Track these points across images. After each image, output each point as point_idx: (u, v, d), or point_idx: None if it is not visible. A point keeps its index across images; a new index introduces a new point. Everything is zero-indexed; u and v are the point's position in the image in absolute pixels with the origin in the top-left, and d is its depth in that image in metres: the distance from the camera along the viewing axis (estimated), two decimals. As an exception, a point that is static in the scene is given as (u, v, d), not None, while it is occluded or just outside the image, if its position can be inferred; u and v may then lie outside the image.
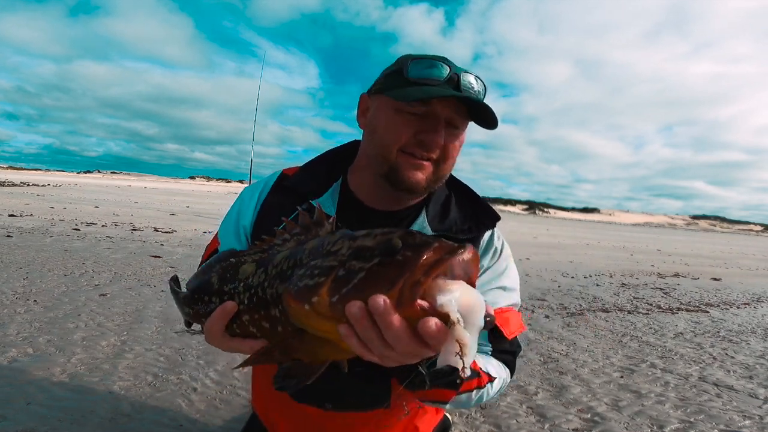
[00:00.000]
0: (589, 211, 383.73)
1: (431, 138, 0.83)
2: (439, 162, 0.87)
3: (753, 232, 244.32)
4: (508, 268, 0.98)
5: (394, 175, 0.86)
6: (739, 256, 15.04)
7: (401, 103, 0.83)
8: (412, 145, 0.84)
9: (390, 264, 0.45)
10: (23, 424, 1.51)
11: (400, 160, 0.85)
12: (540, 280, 5.68)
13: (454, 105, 0.83)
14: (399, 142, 0.84)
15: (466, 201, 1.00)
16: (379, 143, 0.87)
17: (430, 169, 0.87)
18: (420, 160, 0.85)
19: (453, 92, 0.80)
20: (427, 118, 0.83)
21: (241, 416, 1.70)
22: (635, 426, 1.92)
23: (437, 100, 0.82)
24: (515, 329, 0.92)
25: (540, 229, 22.15)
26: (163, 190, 30.32)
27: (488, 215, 0.97)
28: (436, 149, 0.84)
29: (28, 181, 23.69)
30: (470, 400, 0.82)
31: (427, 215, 0.94)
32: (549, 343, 2.99)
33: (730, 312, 4.69)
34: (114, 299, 3.06)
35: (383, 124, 0.87)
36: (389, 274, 0.44)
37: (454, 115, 0.84)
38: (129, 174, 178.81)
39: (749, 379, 2.63)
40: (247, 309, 0.61)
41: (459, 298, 0.42)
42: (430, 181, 0.88)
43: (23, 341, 2.19)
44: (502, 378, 0.88)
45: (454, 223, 0.94)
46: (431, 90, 0.80)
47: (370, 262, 0.47)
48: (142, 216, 9.53)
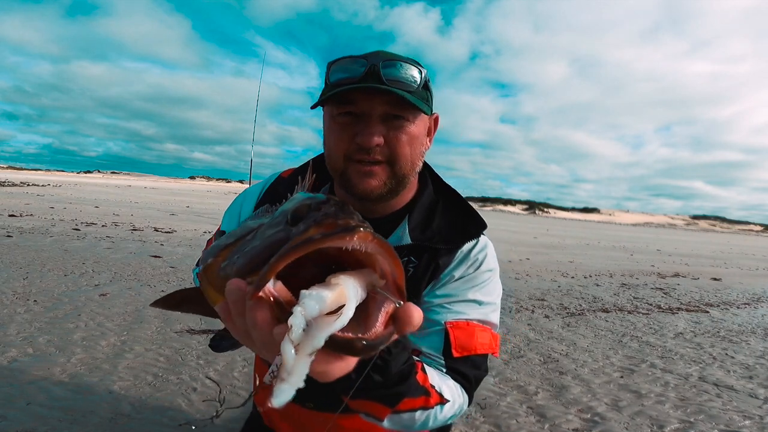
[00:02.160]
0: (589, 211, 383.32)
1: (365, 138, 0.77)
2: (391, 162, 0.80)
3: (753, 232, 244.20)
4: (486, 282, 0.88)
5: (347, 184, 0.82)
6: (739, 256, 15.04)
7: (330, 108, 0.80)
8: (354, 150, 0.79)
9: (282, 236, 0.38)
10: (23, 424, 1.51)
11: (349, 169, 0.81)
12: (540, 280, 5.68)
13: (387, 98, 0.77)
14: (341, 150, 0.80)
15: (453, 208, 0.94)
16: (328, 154, 0.84)
17: (384, 173, 0.81)
18: (368, 166, 0.79)
19: (360, 84, 0.74)
20: (358, 118, 0.79)
21: (241, 416, 1.70)
22: (635, 426, 1.92)
23: (362, 97, 0.77)
24: (480, 347, 0.82)
25: (540, 229, 22.15)
26: (163, 190, 30.32)
27: (474, 224, 0.90)
28: (376, 149, 0.78)
29: (28, 181, 23.70)
30: (413, 421, 0.70)
31: (409, 223, 0.88)
32: (549, 343, 2.99)
33: (730, 312, 4.69)
34: (114, 299, 3.06)
35: (326, 134, 0.84)
36: (273, 249, 0.36)
37: (387, 107, 0.78)
38: (129, 174, 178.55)
39: (749, 379, 2.63)
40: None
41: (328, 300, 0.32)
42: (388, 186, 0.82)
43: (23, 341, 2.19)
44: (458, 403, 0.77)
45: (438, 233, 0.88)
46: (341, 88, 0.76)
47: (274, 229, 0.40)
48: (142, 216, 9.52)
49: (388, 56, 0.79)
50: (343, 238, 0.34)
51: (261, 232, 0.42)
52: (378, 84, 0.75)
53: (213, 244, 0.47)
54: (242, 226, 0.47)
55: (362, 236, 0.34)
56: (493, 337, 0.85)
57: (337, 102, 0.78)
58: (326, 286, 0.34)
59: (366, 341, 0.34)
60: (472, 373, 0.81)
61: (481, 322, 0.84)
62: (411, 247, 0.86)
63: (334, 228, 0.34)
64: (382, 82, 0.75)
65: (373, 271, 0.37)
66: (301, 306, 0.32)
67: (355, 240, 0.34)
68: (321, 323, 0.32)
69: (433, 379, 0.73)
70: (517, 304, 4.14)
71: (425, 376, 0.71)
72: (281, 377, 0.31)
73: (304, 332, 0.31)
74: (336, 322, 0.32)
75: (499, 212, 78.07)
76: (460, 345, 0.80)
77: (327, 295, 0.32)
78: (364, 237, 0.34)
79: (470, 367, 0.81)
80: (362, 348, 0.33)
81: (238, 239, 0.43)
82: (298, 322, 0.31)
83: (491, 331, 0.86)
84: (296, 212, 0.39)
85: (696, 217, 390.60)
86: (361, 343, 0.33)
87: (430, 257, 0.86)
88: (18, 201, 10.20)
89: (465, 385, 0.80)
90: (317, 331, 0.32)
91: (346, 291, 0.34)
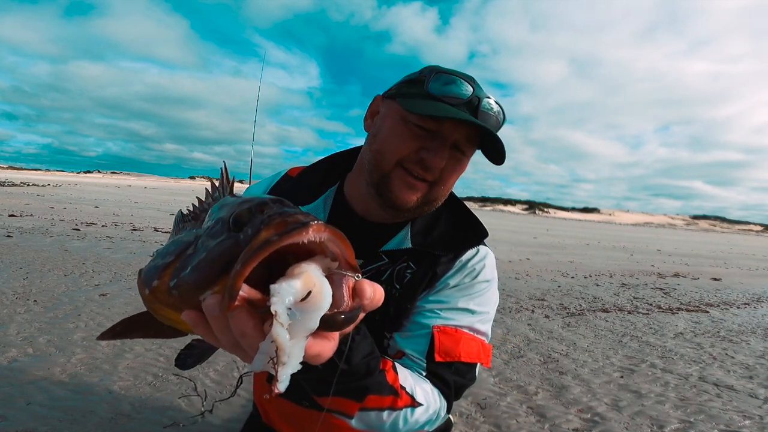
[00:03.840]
0: (589, 211, 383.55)
1: (432, 158, 0.77)
2: (435, 185, 0.81)
3: (753, 232, 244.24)
4: (481, 292, 0.87)
5: (385, 188, 0.81)
6: (739, 256, 15.04)
7: (412, 114, 0.78)
8: (412, 161, 0.79)
9: (231, 243, 0.38)
10: (23, 424, 1.51)
11: (395, 174, 0.80)
12: (540, 280, 5.68)
13: (466, 130, 0.78)
14: (399, 154, 0.79)
15: (456, 216, 0.94)
16: (378, 150, 0.83)
17: (424, 190, 0.81)
18: (415, 179, 0.80)
19: (468, 116, 0.75)
20: (434, 136, 0.78)
21: (241, 416, 1.70)
22: (635, 426, 1.92)
23: (449, 121, 0.76)
24: (466, 355, 0.80)
25: (540, 229, 22.15)
26: (164, 190, 30.31)
27: (475, 232, 0.91)
28: (435, 171, 0.79)
29: (28, 181, 23.70)
30: (381, 421, 0.69)
31: (411, 228, 0.89)
32: (549, 343, 2.99)
33: (730, 312, 4.69)
34: (114, 299, 3.06)
35: (388, 131, 0.82)
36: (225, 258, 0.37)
37: (463, 140, 0.79)
38: (129, 174, 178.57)
39: (749, 379, 2.63)
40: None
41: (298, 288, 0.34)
42: (420, 203, 0.83)
43: (23, 341, 2.19)
44: (432, 408, 0.75)
45: (438, 239, 0.88)
46: (446, 108, 0.75)
47: (217, 239, 0.40)
48: (142, 216, 9.53)
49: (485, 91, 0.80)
50: (300, 234, 0.35)
51: (202, 244, 0.41)
52: (472, 116, 0.76)
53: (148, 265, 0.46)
54: (174, 241, 0.46)
55: (316, 228, 0.36)
56: (482, 347, 0.84)
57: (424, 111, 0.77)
58: (291, 277, 0.35)
59: (344, 314, 0.36)
60: (452, 379, 0.79)
61: (471, 331, 0.83)
62: (411, 252, 0.87)
63: (287, 226, 0.35)
64: (476, 115, 0.77)
65: (324, 256, 0.39)
66: (276, 296, 0.33)
67: (311, 233, 0.35)
68: (310, 306, 0.34)
69: (405, 380, 0.72)
70: (517, 304, 4.14)
71: (395, 376, 0.70)
72: (282, 362, 0.33)
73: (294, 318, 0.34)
74: (323, 302, 0.35)
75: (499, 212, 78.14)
76: (444, 350, 0.79)
77: (296, 283, 0.34)
78: (318, 229, 0.36)
79: (452, 373, 0.79)
80: (343, 321, 0.36)
81: (177, 256, 0.42)
82: (282, 308, 0.33)
83: (482, 341, 0.84)
84: (238, 217, 0.39)
85: (696, 217, 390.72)
86: (341, 317, 0.36)
87: (428, 265, 0.86)
88: (18, 201, 10.20)
89: (444, 390, 0.78)
90: (310, 313, 0.34)
91: (313, 276, 0.36)
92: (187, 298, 0.39)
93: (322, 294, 0.35)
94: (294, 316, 0.34)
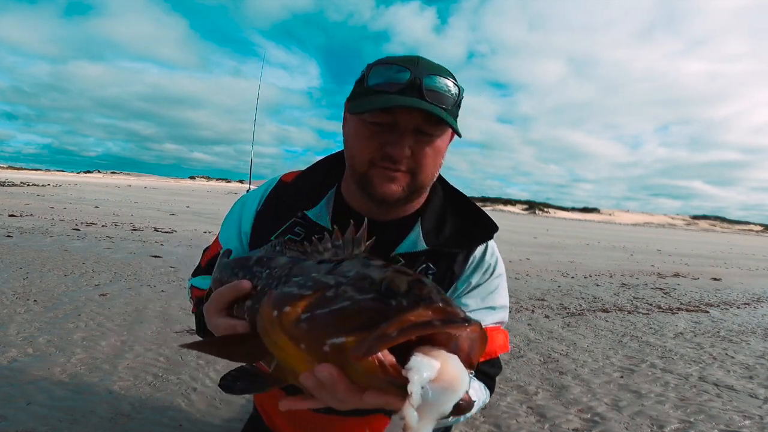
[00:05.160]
0: (589, 210, 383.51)
1: (395, 151, 0.77)
2: (415, 172, 0.81)
3: (753, 232, 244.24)
4: (499, 287, 0.93)
5: (368, 187, 0.82)
6: (739, 256, 15.04)
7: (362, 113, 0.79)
8: (380, 158, 0.80)
9: (379, 306, 0.41)
10: (23, 424, 1.51)
11: (371, 173, 0.81)
12: (540, 280, 5.68)
13: (419, 112, 0.76)
14: (367, 155, 0.80)
15: (463, 212, 0.96)
16: (350, 155, 0.85)
17: (406, 179, 0.82)
18: (392, 171, 0.80)
19: (404, 102, 0.74)
20: (392, 129, 0.78)
21: (241, 416, 1.70)
22: (635, 426, 1.92)
23: (401, 109, 0.76)
24: (499, 348, 0.90)
25: (540, 229, 22.15)
26: (163, 190, 30.32)
27: (485, 227, 0.93)
28: (403, 160, 0.79)
29: (28, 181, 23.70)
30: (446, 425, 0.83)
31: (422, 227, 0.90)
32: (549, 343, 2.99)
33: (730, 312, 4.69)
34: (114, 299, 3.06)
35: (352, 136, 0.84)
36: (370, 316, 0.40)
37: (421, 122, 0.78)
38: (129, 174, 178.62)
39: (749, 379, 2.63)
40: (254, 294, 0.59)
41: (434, 373, 0.36)
42: (406, 192, 0.83)
43: (23, 341, 2.19)
44: (482, 400, 0.85)
45: (450, 237, 0.89)
46: (385, 99, 0.75)
47: (363, 295, 0.43)
48: (142, 216, 9.53)
49: (430, 68, 0.78)
50: (460, 328, 0.39)
51: (344, 292, 0.44)
52: (418, 97, 0.75)
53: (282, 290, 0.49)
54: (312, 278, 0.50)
55: (474, 329, 0.40)
56: (506, 337, 0.93)
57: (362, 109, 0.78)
58: (429, 357, 0.38)
59: (468, 403, 0.40)
60: (493, 372, 0.90)
61: (496, 324, 0.91)
62: (428, 253, 0.88)
63: (449, 316, 0.39)
64: (423, 96, 0.75)
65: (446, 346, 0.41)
66: (415, 372, 0.36)
67: (469, 331, 0.39)
68: (448, 389, 0.37)
69: None
70: (517, 304, 4.14)
71: None
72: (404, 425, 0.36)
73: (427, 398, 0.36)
74: (461, 389, 0.38)
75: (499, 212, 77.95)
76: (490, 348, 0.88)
77: (436, 366, 0.37)
78: (474, 329, 0.40)
79: (491, 367, 0.90)
80: (468, 408, 0.40)
81: (315, 292, 0.46)
82: (417, 391, 0.35)
83: (505, 332, 0.94)
84: (393, 286, 0.42)
85: (696, 217, 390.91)
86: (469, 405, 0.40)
87: (446, 265, 0.88)
88: (18, 201, 10.20)
89: (489, 384, 0.89)
90: (446, 396, 0.37)
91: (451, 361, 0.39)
92: (315, 334, 0.42)
93: (461, 380, 0.37)
94: (426, 396, 0.36)
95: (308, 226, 0.91)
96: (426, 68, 0.77)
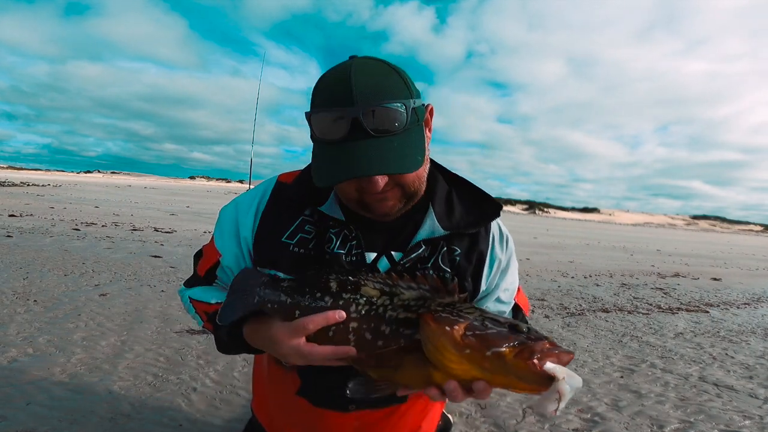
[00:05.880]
0: (589, 210, 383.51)
1: (370, 191, 0.78)
2: (401, 188, 0.82)
3: (753, 232, 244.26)
4: (513, 251, 1.04)
5: (365, 210, 0.84)
6: (739, 256, 15.03)
7: None
8: (363, 194, 0.80)
9: (517, 335, 0.62)
10: (23, 424, 1.51)
11: (363, 201, 0.82)
12: (540, 280, 5.68)
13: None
14: (349, 195, 0.82)
15: (467, 194, 0.98)
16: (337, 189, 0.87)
17: (396, 195, 0.83)
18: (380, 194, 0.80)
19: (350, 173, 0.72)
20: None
21: (241, 416, 1.70)
22: (635, 426, 1.92)
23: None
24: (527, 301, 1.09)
25: (540, 229, 22.15)
26: (163, 190, 30.32)
27: (490, 206, 0.97)
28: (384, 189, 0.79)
29: (28, 181, 23.70)
30: None
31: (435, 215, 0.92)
32: (549, 343, 2.99)
33: (730, 312, 4.69)
34: (114, 299, 3.05)
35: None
36: (515, 339, 0.61)
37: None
38: (129, 174, 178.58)
39: (749, 379, 2.63)
40: (359, 318, 0.73)
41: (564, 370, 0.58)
42: (402, 202, 0.85)
43: (23, 341, 2.19)
44: None
45: (461, 218, 0.93)
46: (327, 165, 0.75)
47: (500, 327, 0.64)
48: (142, 216, 9.53)
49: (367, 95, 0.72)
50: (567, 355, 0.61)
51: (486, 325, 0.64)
52: (366, 138, 0.73)
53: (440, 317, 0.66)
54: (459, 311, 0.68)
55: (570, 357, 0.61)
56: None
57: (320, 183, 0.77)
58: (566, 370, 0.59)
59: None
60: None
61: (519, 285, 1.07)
62: (447, 238, 0.92)
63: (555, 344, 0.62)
64: (370, 135, 0.73)
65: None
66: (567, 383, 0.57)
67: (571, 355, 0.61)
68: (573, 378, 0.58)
69: None
70: (517, 304, 4.14)
71: None
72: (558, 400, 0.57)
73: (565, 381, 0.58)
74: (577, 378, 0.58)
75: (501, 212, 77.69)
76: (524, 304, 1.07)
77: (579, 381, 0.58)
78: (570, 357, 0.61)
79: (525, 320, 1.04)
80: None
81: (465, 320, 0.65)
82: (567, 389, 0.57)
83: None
84: (516, 327, 0.64)
85: (696, 217, 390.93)
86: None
87: (470, 245, 0.94)
88: (18, 201, 10.20)
89: None
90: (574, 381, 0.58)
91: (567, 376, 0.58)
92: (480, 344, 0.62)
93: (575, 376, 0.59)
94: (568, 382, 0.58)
95: (318, 222, 0.91)
96: (363, 98, 0.72)
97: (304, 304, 0.78)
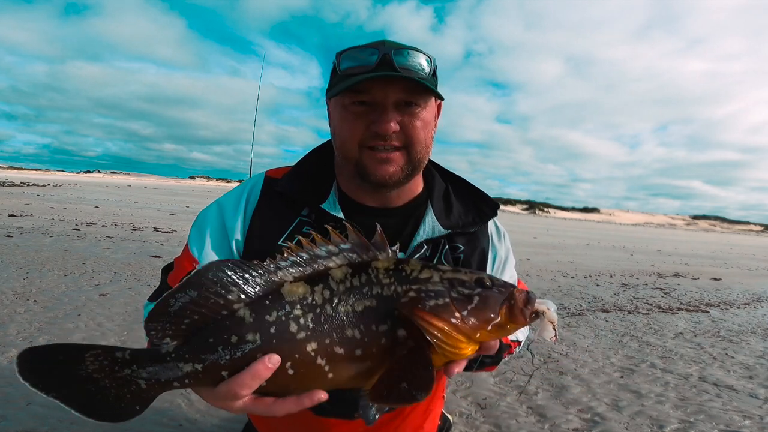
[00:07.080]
0: (589, 210, 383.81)
1: (381, 126, 0.78)
2: (407, 147, 0.83)
3: (753, 232, 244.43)
4: (510, 246, 1.06)
5: (363, 173, 0.83)
6: (739, 256, 15.03)
7: (343, 98, 0.81)
8: (369, 138, 0.81)
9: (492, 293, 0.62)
10: (23, 424, 1.51)
11: (364, 157, 0.82)
12: (540, 280, 5.68)
13: (395, 85, 0.78)
14: (355, 138, 0.81)
15: (464, 192, 1.00)
16: (340, 144, 0.86)
17: (401, 159, 0.83)
18: (384, 153, 0.81)
19: (378, 73, 0.76)
20: (373, 107, 0.80)
21: (241, 417, 1.70)
22: (635, 426, 1.92)
23: (377, 86, 0.78)
24: None
25: (540, 229, 22.14)
26: (163, 190, 30.31)
27: (488, 204, 0.98)
28: (392, 135, 0.80)
29: (28, 181, 23.70)
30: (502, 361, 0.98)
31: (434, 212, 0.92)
32: (549, 343, 2.99)
33: (730, 312, 4.69)
34: (114, 299, 3.05)
35: (338, 124, 0.85)
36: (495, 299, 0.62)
37: (402, 95, 0.79)
38: (129, 174, 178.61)
39: (749, 379, 2.63)
40: (310, 335, 0.55)
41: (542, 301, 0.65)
42: (405, 171, 0.84)
43: (23, 341, 2.19)
44: (521, 341, 1.00)
45: (459, 217, 0.94)
46: (356, 77, 0.77)
47: (473, 290, 0.62)
48: (142, 216, 9.52)
49: (397, 45, 0.81)
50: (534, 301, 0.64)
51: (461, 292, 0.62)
52: (392, 72, 0.77)
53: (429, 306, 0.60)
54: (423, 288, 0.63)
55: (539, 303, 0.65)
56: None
57: (350, 91, 0.79)
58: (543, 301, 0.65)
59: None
60: None
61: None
62: (448, 236, 0.92)
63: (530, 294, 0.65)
64: (396, 70, 0.77)
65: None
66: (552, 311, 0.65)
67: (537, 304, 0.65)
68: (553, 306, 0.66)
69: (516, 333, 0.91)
70: (517, 304, 4.14)
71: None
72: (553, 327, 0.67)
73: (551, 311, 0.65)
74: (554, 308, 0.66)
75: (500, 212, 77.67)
76: None
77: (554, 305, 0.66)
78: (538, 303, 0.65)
79: None
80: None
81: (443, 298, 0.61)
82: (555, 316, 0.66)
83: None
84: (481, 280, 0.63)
85: (696, 217, 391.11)
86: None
87: (471, 242, 0.95)
88: (18, 201, 10.20)
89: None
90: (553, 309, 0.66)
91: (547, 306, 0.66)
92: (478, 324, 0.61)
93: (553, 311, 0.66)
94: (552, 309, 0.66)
95: (317, 221, 0.88)
96: (393, 46, 0.80)
97: (222, 362, 0.55)
